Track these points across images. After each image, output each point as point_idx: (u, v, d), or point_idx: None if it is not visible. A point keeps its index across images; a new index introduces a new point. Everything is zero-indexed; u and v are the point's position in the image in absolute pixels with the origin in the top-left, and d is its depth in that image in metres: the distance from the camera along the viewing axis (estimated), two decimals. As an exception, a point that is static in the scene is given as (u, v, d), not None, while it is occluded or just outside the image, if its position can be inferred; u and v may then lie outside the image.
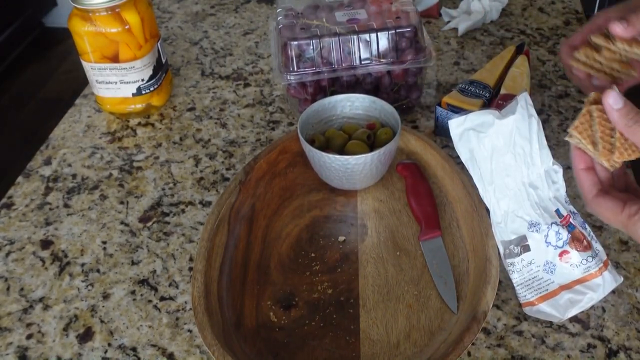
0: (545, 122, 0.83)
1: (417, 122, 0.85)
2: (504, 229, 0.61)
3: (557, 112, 0.85)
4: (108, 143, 0.86)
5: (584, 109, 0.53)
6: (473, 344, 0.59)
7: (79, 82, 1.14)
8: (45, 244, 0.72)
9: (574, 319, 0.60)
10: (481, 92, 0.80)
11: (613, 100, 0.51)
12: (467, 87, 0.81)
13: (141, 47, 0.83)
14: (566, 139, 0.55)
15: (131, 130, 0.88)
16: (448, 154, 0.74)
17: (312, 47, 0.79)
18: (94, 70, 0.84)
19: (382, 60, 0.80)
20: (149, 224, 0.73)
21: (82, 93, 0.96)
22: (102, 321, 0.63)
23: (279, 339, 0.60)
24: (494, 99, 0.80)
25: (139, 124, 0.89)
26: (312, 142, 0.73)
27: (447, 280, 0.63)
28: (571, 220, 0.59)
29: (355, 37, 0.78)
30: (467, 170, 0.63)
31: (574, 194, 0.51)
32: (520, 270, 0.60)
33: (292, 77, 0.79)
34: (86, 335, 0.62)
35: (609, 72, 0.61)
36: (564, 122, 0.83)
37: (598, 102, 0.53)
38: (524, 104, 0.61)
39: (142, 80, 0.85)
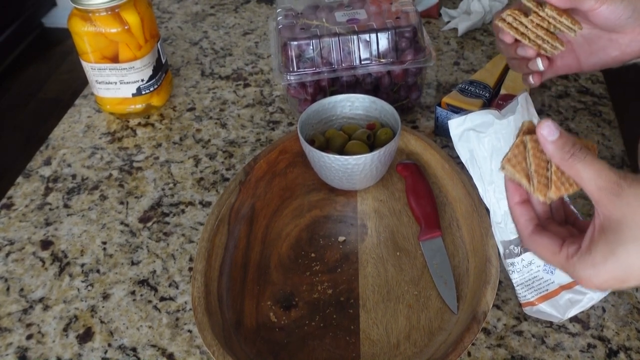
0: (545, 122, 0.83)
1: (417, 122, 0.85)
2: (504, 229, 0.60)
3: (557, 112, 0.85)
4: (108, 143, 0.86)
5: (517, 139, 0.49)
6: (473, 344, 0.59)
7: (79, 83, 1.14)
8: (45, 244, 0.72)
9: (574, 319, 0.60)
10: (481, 92, 0.80)
11: (547, 131, 0.46)
12: (467, 87, 0.81)
13: (141, 48, 0.83)
14: (498, 170, 0.51)
15: (131, 130, 0.88)
16: (448, 154, 0.74)
17: (312, 47, 0.79)
18: (93, 70, 0.84)
19: (382, 60, 0.80)
20: (148, 224, 0.73)
21: (82, 93, 0.96)
22: (102, 321, 0.63)
23: (279, 339, 0.60)
24: (494, 99, 0.80)
25: (139, 124, 0.89)
26: (312, 142, 0.73)
27: (447, 280, 0.63)
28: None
29: (355, 37, 0.78)
30: (467, 170, 0.63)
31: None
32: (520, 270, 0.59)
33: (292, 77, 0.79)
34: (86, 336, 0.62)
35: (533, 38, 0.59)
36: (563, 122, 0.83)
37: (532, 130, 0.48)
38: (524, 104, 0.61)
39: (142, 80, 0.85)
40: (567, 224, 0.52)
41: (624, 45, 0.60)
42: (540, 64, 0.61)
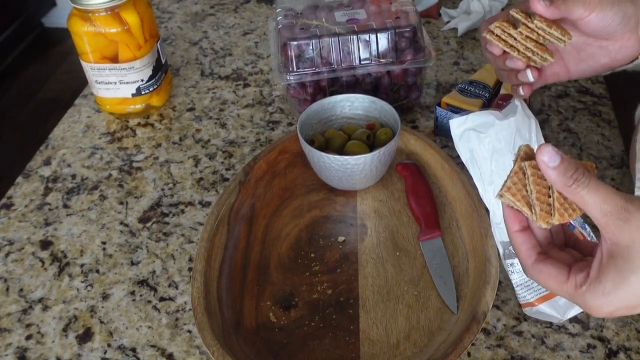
0: (545, 122, 0.83)
1: (416, 122, 0.85)
2: (503, 230, 0.60)
3: (557, 112, 0.85)
4: (107, 143, 0.86)
5: (515, 165, 0.47)
6: (473, 344, 0.59)
7: (79, 83, 1.14)
8: (45, 244, 0.72)
9: (574, 320, 0.60)
10: (481, 92, 0.80)
11: (548, 157, 0.43)
12: (466, 87, 0.81)
13: (141, 48, 0.83)
14: (495, 198, 0.48)
15: (131, 130, 0.88)
16: (448, 154, 0.74)
17: (311, 47, 0.79)
18: (93, 70, 0.84)
19: (381, 60, 0.80)
20: (148, 225, 0.73)
21: (82, 93, 0.96)
22: (101, 322, 0.63)
23: (278, 340, 0.60)
24: (494, 99, 0.80)
25: (139, 124, 0.89)
26: (311, 143, 0.73)
27: (447, 281, 0.63)
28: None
29: (354, 37, 0.78)
30: (467, 170, 0.63)
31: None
32: (520, 271, 0.59)
33: (292, 77, 0.79)
34: (86, 336, 0.62)
35: (522, 50, 0.57)
36: (563, 122, 0.83)
37: (530, 156, 0.46)
38: (518, 104, 0.61)
39: (142, 80, 0.85)
40: (567, 247, 0.50)
41: (614, 52, 0.59)
42: (530, 76, 0.60)
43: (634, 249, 0.42)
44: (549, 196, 0.45)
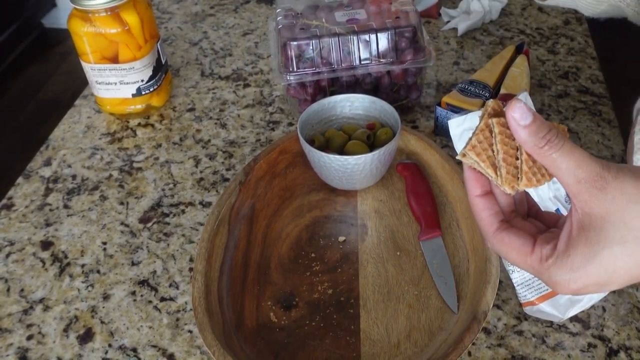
0: (545, 122, 0.83)
1: (416, 122, 0.85)
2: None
3: (557, 112, 0.85)
4: (108, 144, 0.86)
5: (482, 122, 0.42)
6: (473, 343, 0.59)
7: (79, 83, 1.14)
8: (46, 245, 0.72)
9: (575, 319, 0.60)
10: (481, 91, 0.80)
11: (520, 114, 0.39)
12: (466, 87, 0.81)
13: (141, 48, 0.83)
14: (458, 158, 0.44)
15: (131, 131, 0.88)
16: (448, 153, 0.74)
17: (311, 48, 0.79)
18: (93, 71, 0.84)
19: (381, 60, 0.80)
20: (149, 225, 0.73)
21: (82, 94, 0.96)
22: (102, 322, 0.63)
23: (279, 340, 0.60)
24: (494, 98, 0.80)
25: (139, 124, 0.89)
26: (312, 143, 0.73)
27: (448, 280, 0.63)
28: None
29: (354, 37, 0.78)
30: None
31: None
32: (520, 270, 0.60)
33: (292, 77, 0.79)
34: (86, 336, 0.62)
35: None
36: (563, 122, 0.83)
37: (499, 113, 0.42)
38: (526, 101, 0.61)
39: (142, 80, 0.85)
40: (529, 217, 0.46)
41: None
42: None
43: (608, 220, 0.38)
44: (517, 158, 0.41)
